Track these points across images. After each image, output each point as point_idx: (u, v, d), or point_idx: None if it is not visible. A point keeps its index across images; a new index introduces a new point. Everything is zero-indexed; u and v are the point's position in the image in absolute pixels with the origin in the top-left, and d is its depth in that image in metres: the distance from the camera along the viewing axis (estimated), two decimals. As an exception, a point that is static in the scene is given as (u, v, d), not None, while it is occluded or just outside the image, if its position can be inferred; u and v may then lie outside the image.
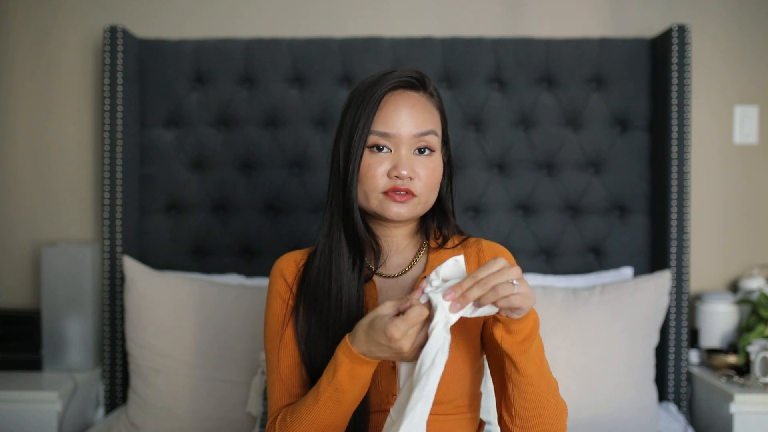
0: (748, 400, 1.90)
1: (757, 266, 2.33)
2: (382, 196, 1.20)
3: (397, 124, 1.19)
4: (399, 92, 1.21)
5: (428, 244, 1.30)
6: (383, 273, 1.28)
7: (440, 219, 1.31)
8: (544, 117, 2.25)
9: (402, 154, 1.19)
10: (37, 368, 2.15)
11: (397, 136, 1.19)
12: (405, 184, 1.19)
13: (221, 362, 1.96)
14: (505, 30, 2.34)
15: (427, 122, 1.21)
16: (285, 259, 1.32)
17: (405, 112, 1.19)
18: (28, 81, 2.36)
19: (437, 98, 1.26)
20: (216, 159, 2.25)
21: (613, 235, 2.26)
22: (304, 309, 1.25)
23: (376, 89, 1.20)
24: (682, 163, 2.14)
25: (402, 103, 1.20)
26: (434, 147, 1.21)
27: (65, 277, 2.13)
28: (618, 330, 1.99)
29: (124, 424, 1.98)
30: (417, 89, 1.23)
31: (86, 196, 2.36)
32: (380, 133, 1.19)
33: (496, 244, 1.31)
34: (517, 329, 1.06)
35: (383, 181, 1.19)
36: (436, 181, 1.23)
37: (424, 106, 1.22)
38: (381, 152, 1.19)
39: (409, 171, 1.18)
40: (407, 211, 1.21)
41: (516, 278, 1.01)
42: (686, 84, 2.14)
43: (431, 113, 1.22)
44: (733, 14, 2.35)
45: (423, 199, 1.21)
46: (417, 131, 1.19)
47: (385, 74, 1.22)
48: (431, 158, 1.21)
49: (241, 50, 2.24)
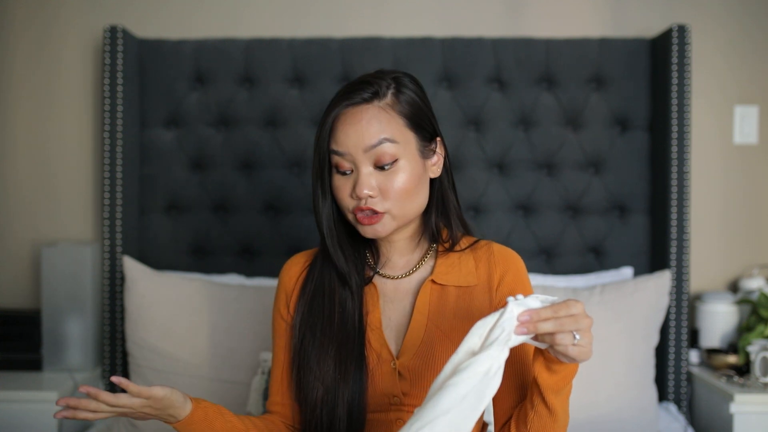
0: (748, 400, 1.90)
1: (757, 266, 2.33)
2: (353, 217, 1.20)
3: (346, 143, 1.17)
4: (349, 110, 1.19)
5: (436, 248, 1.29)
6: (387, 274, 1.28)
7: (444, 216, 1.30)
8: (544, 117, 2.25)
9: (362, 173, 1.17)
10: (37, 368, 2.15)
11: (350, 153, 1.17)
12: (367, 203, 1.17)
13: (221, 362, 1.96)
14: (505, 30, 2.34)
15: (375, 133, 1.17)
16: (288, 264, 1.34)
17: (352, 130, 1.17)
18: (28, 81, 2.36)
19: (405, 97, 1.21)
20: (216, 159, 2.25)
21: (613, 235, 2.26)
22: (304, 313, 1.26)
23: (328, 114, 1.20)
24: (682, 163, 2.14)
25: (349, 121, 1.18)
26: (395, 156, 1.17)
27: (65, 277, 2.13)
28: (618, 330, 1.98)
29: (124, 424, 1.98)
30: (369, 101, 1.19)
31: (86, 196, 2.36)
32: (335, 152, 1.19)
33: (508, 250, 1.30)
34: (558, 369, 1.06)
35: (349, 201, 1.20)
36: (410, 189, 1.19)
37: (373, 116, 1.18)
38: (346, 174, 1.19)
39: (369, 189, 1.17)
40: (382, 230, 1.20)
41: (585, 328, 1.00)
42: (686, 84, 2.14)
43: (384, 121, 1.18)
44: (733, 14, 2.35)
45: (395, 212, 1.19)
46: (365, 145, 1.17)
47: (337, 95, 1.21)
48: (395, 170, 1.18)
49: (241, 50, 2.24)
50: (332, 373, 1.20)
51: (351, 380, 1.19)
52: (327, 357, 1.21)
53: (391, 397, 1.20)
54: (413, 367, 1.19)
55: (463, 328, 1.22)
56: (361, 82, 1.21)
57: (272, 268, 2.21)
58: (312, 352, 1.22)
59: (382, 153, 1.17)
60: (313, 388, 1.20)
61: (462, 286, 1.25)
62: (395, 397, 1.20)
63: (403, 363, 1.20)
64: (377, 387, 1.20)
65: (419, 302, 1.24)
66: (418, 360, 1.20)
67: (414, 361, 1.20)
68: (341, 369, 1.19)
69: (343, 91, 1.21)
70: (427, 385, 1.18)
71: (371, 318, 1.24)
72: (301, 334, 1.25)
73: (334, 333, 1.22)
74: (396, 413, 1.21)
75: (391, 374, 1.20)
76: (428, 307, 1.24)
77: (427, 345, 1.21)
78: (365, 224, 1.19)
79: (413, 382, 1.19)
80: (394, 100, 1.20)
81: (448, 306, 1.24)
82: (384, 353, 1.21)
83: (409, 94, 1.22)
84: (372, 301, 1.25)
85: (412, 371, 1.19)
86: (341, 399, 1.18)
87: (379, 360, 1.21)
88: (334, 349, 1.21)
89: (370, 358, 1.21)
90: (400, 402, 1.20)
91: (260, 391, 1.86)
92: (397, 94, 1.20)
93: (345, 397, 1.18)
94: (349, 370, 1.19)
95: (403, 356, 1.21)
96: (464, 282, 1.25)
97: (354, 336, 1.21)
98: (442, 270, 1.26)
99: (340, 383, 1.19)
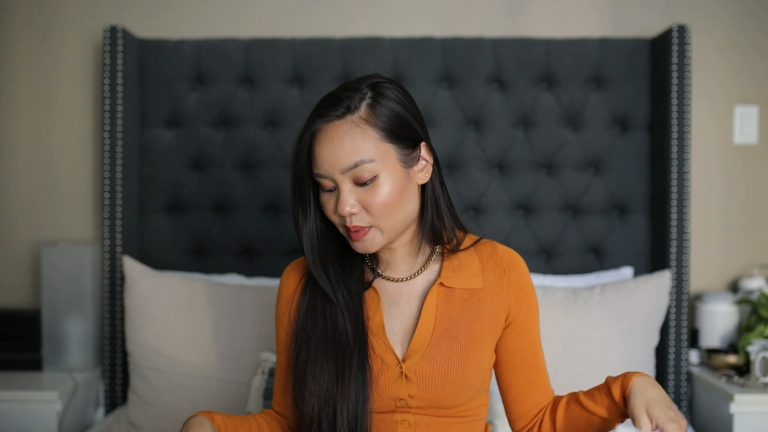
0: (748, 400, 1.90)
1: (757, 266, 2.33)
2: (345, 233, 1.20)
3: (323, 164, 1.15)
4: (323, 128, 1.15)
5: (441, 250, 1.28)
6: (390, 276, 1.27)
7: (439, 218, 1.28)
8: (544, 117, 2.25)
9: (343, 191, 1.15)
10: (37, 368, 2.15)
11: (329, 175, 1.15)
12: (351, 221, 1.16)
13: (221, 362, 1.96)
14: (505, 30, 2.34)
15: (349, 154, 1.13)
16: (287, 271, 1.33)
17: (326, 150, 1.14)
18: (28, 81, 2.36)
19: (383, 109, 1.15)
20: (216, 159, 2.25)
21: (613, 235, 2.26)
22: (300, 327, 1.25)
23: (305, 131, 1.17)
24: (682, 163, 2.14)
25: (322, 140, 1.15)
26: (374, 172, 1.14)
27: (65, 277, 2.13)
28: (618, 330, 1.98)
29: (124, 424, 1.98)
30: (341, 116, 1.14)
31: (86, 196, 2.36)
32: (317, 174, 1.17)
33: (512, 252, 1.30)
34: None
35: (336, 218, 1.19)
36: (390, 204, 1.16)
37: (346, 133, 1.13)
38: (331, 191, 1.17)
39: (351, 207, 1.15)
40: (371, 245, 1.19)
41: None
42: (686, 84, 2.14)
43: (358, 138, 1.13)
44: (733, 14, 2.35)
45: (383, 226, 1.17)
46: (341, 167, 1.14)
47: (313, 110, 1.18)
48: (376, 185, 1.14)
49: (241, 50, 2.24)
50: (330, 388, 1.18)
51: (351, 393, 1.17)
52: (323, 372, 1.19)
53: (398, 400, 1.20)
54: (421, 369, 1.19)
55: (470, 331, 1.23)
56: (334, 96, 1.17)
57: (272, 268, 2.21)
58: (308, 368, 1.21)
59: (360, 172, 1.14)
60: (309, 404, 1.19)
61: (469, 289, 1.25)
62: (402, 400, 1.19)
63: (409, 366, 1.19)
64: (383, 391, 1.19)
65: (427, 305, 1.23)
66: (425, 363, 1.19)
67: (422, 364, 1.19)
68: (339, 383, 1.18)
69: (318, 105, 1.18)
70: (434, 387, 1.18)
71: (372, 323, 1.23)
72: (297, 349, 1.23)
73: (329, 347, 1.21)
74: (402, 414, 1.20)
75: (397, 378, 1.19)
76: (436, 309, 1.23)
77: (435, 348, 1.20)
78: (354, 240, 1.19)
79: (420, 384, 1.19)
80: (369, 112, 1.15)
81: (456, 308, 1.24)
82: (388, 357, 1.20)
83: (387, 105, 1.16)
84: (373, 305, 1.24)
85: (419, 374, 1.19)
86: (341, 414, 1.17)
87: (384, 364, 1.20)
88: (331, 363, 1.19)
89: (374, 363, 1.20)
90: (407, 404, 1.20)
91: (260, 391, 1.86)
92: (373, 106, 1.15)
93: (345, 412, 1.17)
94: (348, 383, 1.17)
95: (409, 359, 1.20)
96: (471, 285, 1.25)
97: (351, 348, 1.19)
98: (449, 273, 1.25)
99: (338, 398, 1.17)
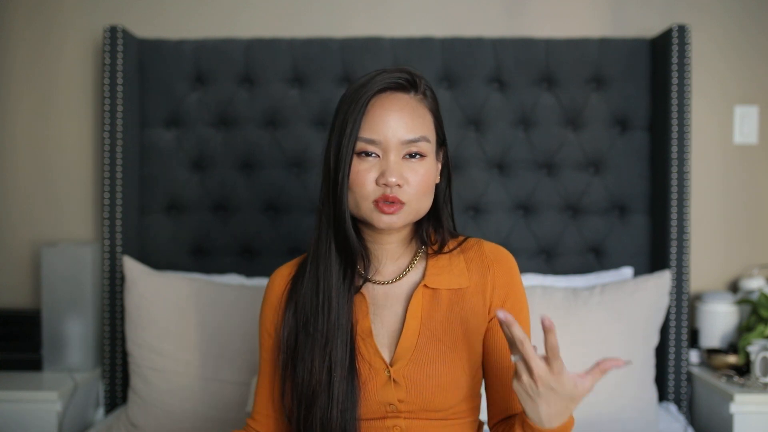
0: (748, 400, 1.90)
1: (757, 266, 2.33)
2: (372, 206, 1.16)
3: (383, 130, 1.14)
4: (387, 95, 1.16)
5: (425, 250, 1.27)
6: (377, 279, 1.25)
7: (435, 223, 1.27)
8: (544, 117, 2.25)
9: (390, 160, 1.14)
10: (37, 368, 2.15)
11: (384, 142, 1.14)
12: (393, 192, 1.14)
13: (221, 362, 1.96)
14: (505, 30, 2.34)
15: (417, 128, 1.15)
16: (272, 278, 1.32)
17: (392, 117, 1.14)
18: (28, 81, 2.36)
19: (431, 99, 1.20)
20: (216, 159, 2.25)
21: (613, 235, 2.26)
22: (291, 324, 1.23)
23: (363, 93, 1.15)
24: (682, 163, 2.14)
25: (389, 106, 1.15)
26: (426, 152, 1.16)
27: (65, 277, 2.13)
28: (618, 330, 1.98)
29: (124, 424, 1.98)
30: (407, 90, 1.17)
31: (86, 196, 2.36)
32: (367, 140, 1.14)
33: (499, 248, 1.28)
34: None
35: (372, 188, 1.15)
36: (428, 186, 1.18)
37: (413, 109, 1.16)
38: (369, 157, 1.15)
39: (398, 178, 1.13)
40: (399, 220, 1.17)
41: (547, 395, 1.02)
42: (686, 84, 2.14)
43: (422, 117, 1.17)
44: (733, 14, 2.35)
45: (413, 206, 1.17)
46: (406, 138, 1.14)
47: (374, 76, 1.17)
48: (422, 163, 1.16)
49: (241, 50, 2.24)
50: (318, 394, 1.17)
51: (339, 400, 1.16)
52: (311, 378, 1.18)
53: (387, 405, 1.18)
54: (408, 373, 1.17)
55: (456, 332, 1.21)
56: (397, 71, 1.17)
57: (272, 269, 2.19)
58: (296, 374, 1.20)
59: (416, 148, 1.15)
60: (296, 411, 1.19)
61: (454, 289, 1.23)
62: (391, 405, 1.18)
63: (397, 370, 1.17)
64: (372, 397, 1.17)
65: (412, 307, 1.21)
66: (413, 366, 1.17)
67: (409, 368, 1.17)
68: (327, 390, 1.17)
69: (377, 77, 1.16)
70: (423, 390, 1.17)
71: (360, 327, 1.21)
72: (285, 357, 1.22)
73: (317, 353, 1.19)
74: (393, 420, 1.18)
75: (385, 383, 1.17)
76: (421, 311, 1.21)
77: (421, 350, 1.18)
78: (385, 213, 1.15)
79: (409, 388, 1.17)
80: (430, 97, 1.19)
81: (441, 309, 1.22)
82: (376, 362, 1.18)
83: (436, 98, 1.21)
84: (361, 310, 1.22)
85: (407, 378, 1.17)
86: (328, 421, 1.15)
87: (371, 370, 1.18)
88: (318, 369, 1.18)
89: (362, 369, 1.18)
90: (397, 409, 1.18)
91: (260, 391, 1.86)
92: (430, 94, 1.19)
93: (333, 420, 1.15)
94: (336, 389, 1.16)
95: (397, 363, 1.18)
96: (456, 284, 1.23)
97: (338, 354, 1.18)
98: (433, 273, 1.23)
99: (326, 404, 1.16)
